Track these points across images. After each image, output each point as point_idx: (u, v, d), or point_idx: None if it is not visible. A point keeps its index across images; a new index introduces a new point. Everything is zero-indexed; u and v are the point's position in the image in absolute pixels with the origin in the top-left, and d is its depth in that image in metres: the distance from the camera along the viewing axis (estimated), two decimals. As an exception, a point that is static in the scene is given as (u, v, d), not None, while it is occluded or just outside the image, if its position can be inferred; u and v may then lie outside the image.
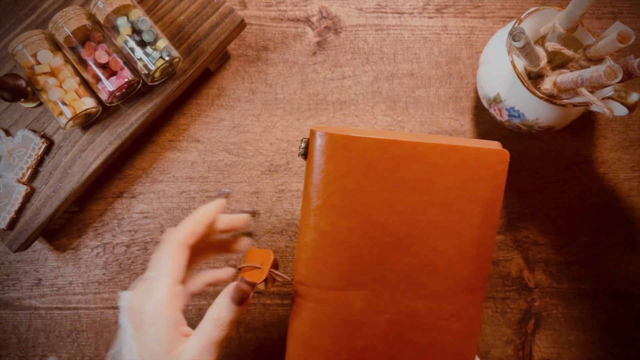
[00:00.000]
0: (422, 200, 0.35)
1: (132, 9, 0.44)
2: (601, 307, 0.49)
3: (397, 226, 0.35)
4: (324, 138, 0.35)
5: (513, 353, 0.49)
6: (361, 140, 0.35)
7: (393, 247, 0.36)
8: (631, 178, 0.51)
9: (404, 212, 0.35)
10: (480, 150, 0.35)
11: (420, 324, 0.36)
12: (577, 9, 0.38)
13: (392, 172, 0.35)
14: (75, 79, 0.45)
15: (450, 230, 0.35)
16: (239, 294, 0.33)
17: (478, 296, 0.36)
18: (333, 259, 0.36)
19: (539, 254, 0.50)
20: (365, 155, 0.35)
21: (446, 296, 0.36)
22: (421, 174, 0.35)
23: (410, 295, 0.36)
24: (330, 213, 0.35)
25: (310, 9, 0.54)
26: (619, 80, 0.34)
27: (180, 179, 0.51)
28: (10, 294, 0.50)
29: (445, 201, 0.35)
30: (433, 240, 0.36)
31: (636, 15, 0.53)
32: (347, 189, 0.35)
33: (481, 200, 0.35)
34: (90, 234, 0.51)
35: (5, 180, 0.46)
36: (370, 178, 0.35)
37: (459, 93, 0.52)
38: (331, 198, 0.35)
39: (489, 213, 0.36)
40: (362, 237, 0.35)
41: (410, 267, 0.36)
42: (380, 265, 0.36)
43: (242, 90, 0.52)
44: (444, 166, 0.35)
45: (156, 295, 0.32)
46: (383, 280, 0.36)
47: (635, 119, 0.52)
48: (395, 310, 0.36)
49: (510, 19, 0.53)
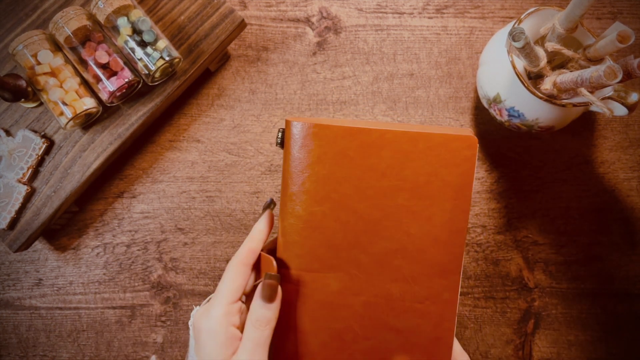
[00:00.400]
0: (392, 185, 0.37)
1: (132, 9, 0.44)
2: (601, 307, 0.49)
3: (369, 211, 0.37)
4: (297, 127, 0.37)
5: (513, 353, 0.49)
6: (330, 129, 0.36)
7: (366, 231, 0.37)
8: (631, 178, 0.51)
9: (375, 197, 0.37)
10: (448, 137, 0.36)
11: (396, 307, 0.37)
12: (577, 9, 0.38)
13: (362, 159, 0.37)
14: (76, 79, 0.45)
15: (421, 215, 0.37)
16: (268, 290, 0.35)
17: (453, 281, 0.37)
18: (309, 243, 0.37)
19: (538, 253, 0.50)
20: (335, 142, 0.36)
21: (420, 280, 0.37)
22: (390, 160, 0.37)
23: (384, 278, 0.37)
24: (305, 198, 0.37)
25: (311, 9, 0.54)
26: (619, 81, 0.34)
27: (180, 179, 0.51)
28: (11, 294, 0.50)
29: (415, 186, 0.37)
30: (405, 225, 0.37)
31: (636, 16, 0.53)
32: (319, 176, 0.37)
33: (451, 186, 0.37)
34: (90, 234, 0.51)
35: (6, 180, 0.46)
36: (341, 165, 0.37)
37: (459, 93, 0.52)
38: (305, 184, 0.37)
39: (459, 198, 0.37)
40: (335, 222, 0.37)
41: (384, 251, 0.37)
42: (354, 249, 0.37)
43: (242, 90, 0.53)
44: (412, 152, 0.36)
45: (212, 313, 0.35)
46: (357, 263, 0.37)
47: (634, 119, 0.52)
48: (370, 292, 0.37)
49: (510, 19, 0.53)
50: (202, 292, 0.50)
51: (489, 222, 0.50)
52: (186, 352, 0.40)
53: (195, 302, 0.50)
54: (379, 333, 0.37)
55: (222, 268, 0.50)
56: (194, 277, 0.50)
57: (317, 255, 0.37)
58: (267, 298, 0.35)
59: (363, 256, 0.37)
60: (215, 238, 0.50)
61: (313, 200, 0.37)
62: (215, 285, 0.50)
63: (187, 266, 0.50)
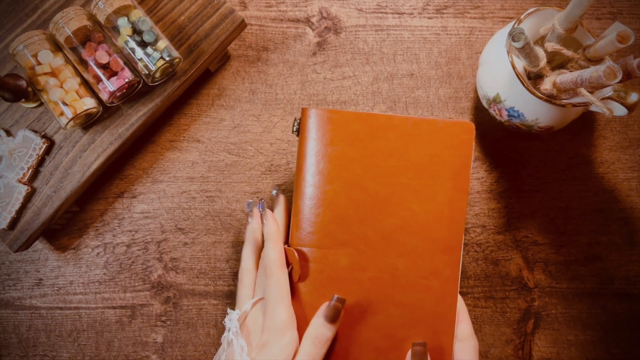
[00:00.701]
0: (397, 165, 0.41)
1: (132, 10, 0.44)
2: (600, 307, 0.50)
3: (377, 189, 0.40)
4: (313, 113, 0.41)
5: (512, 352, 0.49)
6: (343, 114, 0.41)
7: (374, 208, 0.40)
8: (630, 178, 0.51)
9: (382, 176, 0.41)
10: (447, 122, 0.41)
11: (401, 282, 0.40)
12: (577, 9, 0.38)
13: (371, 141, 0.41)
14: (76, 79, 0.45)
15: (424, 193, 0.40)
16: (333, 312, 0.37)
17: (454, 257, 0.40)
18: (320, 220, 0.40)
19: (538, 253, 0.50)
20: (347, 126, 0.41)
21: (423, 255, 0.40)
22: (396, 142, 0.41)
23: (390, 253, 0.40)
24: (318, 178, 0.41)
25: (311, 10, 0.54)
26: (619, 81, 0.34)
27: (180, 179, 0.51)
28: (11, 294, 0.50)
29: (419, 166, 0.41)
30: (409, 202, 0.40)
31: (635, 16, 0.53)
32: (331, 157, 0.41)
33: (451, 166, 0.40)
34: (90, 234, 0.51)
35: (6, 180, 0.46)
36: (352, 146, 0.41)
37: (459, 93, 0.52)
38: (318, 165, 0.41)
39: (458, 178, 0.40)
40: (346, 199, 0.40)
41: (390, 227, 0.40)
42: (363, 225, 0.40)
43: (242, 90, 0.53)
44: (415, 135, 0.41)
45: (279, 316, 0.37)
46: (365, 240, 0.40)
47: (634, 119, 0.52)
48: (377, 267, 0.40)
49: (510, 19, 0.53)
50: (202, 292, 0.50)
51: (488, 222, 0.50)
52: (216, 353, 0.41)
53: (196, 301, 0.50)
54: (386, 308, 0.40)
55: (222, 268, 0.50)
56: (194, 277, 0.50)
57: (329, 231, 0.40)
58: (330, 319, 0.37)
59: (371, 232, 0.40)
60: (216, 238, 0.50)
61: (326, 179, 0.41)
62: (215, 285, 0.50)
63: (188, 266, 0.50)
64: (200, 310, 0.50)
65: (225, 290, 0.50)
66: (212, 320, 0.50)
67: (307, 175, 0.41)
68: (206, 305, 0.50)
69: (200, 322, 0.50)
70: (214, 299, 0.50)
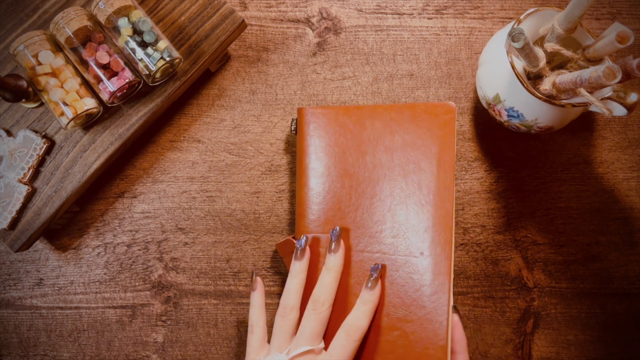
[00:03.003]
0: (385, 149, 0.45)
1: (133, 10, 0.44)
2: (600, 307, 0.50)
3: (368, 174, 0.44)
4: (307, 112, 0.46)
5: (512, 352, 0.49)
6: (333, 109, 0.46)
7: (365, 193, 0.44)
8: (630, 178, 0.51)
9: (372, 162, 0.45)
10: (428, 105, 0.45)
11: (395, 261, 0.43)
12: (576, 9, 0.38)
13: (360, 130, 0.45)
14: (77, 79, 0.45)
15: (412, 170, 0.44)
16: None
17: (446, 235, 0.43)
18: (320, 208, 0.45)
19: (537, 253, 0.50)
20: (337, 119, 0.46)
21: (415, 234, 0.43)
22: (382, 129, 0.45)
23: (385, 235, 0.43)
24: (316, 169, 0.45)
25: (311, 10, 0.54)
26: (618, 81, 0.34)
27: (181, 179, 0.51)
28: (12, 294, 0.51)
29: (406, 147, 0.44)
30: (398, 181, 0.44)
31: (635, 16, 0.53)
32: (326, 148, 0.45)
33: (436, 145, 0.44)
34: (91, 234, 0.51)
35: (7, 180, 0.46)
36: (343, 137, 0.45)
37: (459, 93, 0.52)
38: (316, 156, 0.45)
39: (444, 158, 0.44)
40: (342, 187, 0.44)
41: (383, 210, 0.44)
42: (358, 210, 0.44)
43: (242, 90, 0.53)
44: (400, 120, 0.45)
45: None
46: (361, 223, 0.44)
47: (634, 119, 0.52)
48: (373, 248, 0.43)
49: (510, 19, 0.53)
50: (202, 292, 0.50)
51: (488, 222, 0.50)
52: None
53: (196, 301, 0.50)
54: (383, 288, 0.42)
55: (222, 268, 0.50)
56: (194, 277, 0.50)
57: (328, 218, 0.44)
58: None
59: (366, 215, 0.44)
60: (216, 238, 0.51)
61: (323, 170, 0.45)
62: (215, 285, 0.50)
63: (188, 266, 0.50)
64: (200, 310, 0.50)
65: (225, 290, 0.50)
66: (212, 320, 0.50)
67: (307, 167, 0.45)
68: (206, 305, 0.50)
69: (200, 322, 0.50)
70: (214, 299, 0.50)
